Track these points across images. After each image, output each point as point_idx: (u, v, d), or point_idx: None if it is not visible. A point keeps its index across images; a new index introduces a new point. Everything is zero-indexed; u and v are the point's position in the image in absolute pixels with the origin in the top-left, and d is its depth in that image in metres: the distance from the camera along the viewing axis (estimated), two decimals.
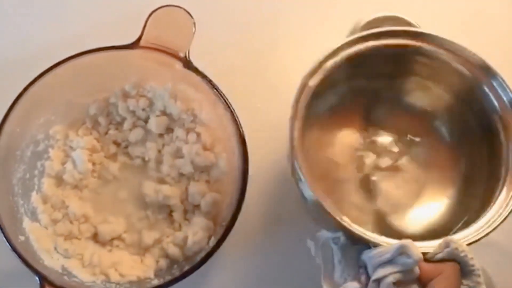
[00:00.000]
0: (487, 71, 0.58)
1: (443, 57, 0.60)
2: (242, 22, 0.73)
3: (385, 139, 0.65)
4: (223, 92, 0.57)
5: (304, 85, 0.56)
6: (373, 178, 0.64)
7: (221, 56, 0.70)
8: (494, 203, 0.55)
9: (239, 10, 0.74)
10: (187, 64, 0.57)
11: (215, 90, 0.57)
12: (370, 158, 0.65)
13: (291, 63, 0.70)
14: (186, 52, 0.57)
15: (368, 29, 0.60)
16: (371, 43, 0.59)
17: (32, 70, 0.56)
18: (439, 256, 0.50)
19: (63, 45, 0.60)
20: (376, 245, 0.51)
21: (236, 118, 0.56)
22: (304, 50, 0.71)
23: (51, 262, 0.56)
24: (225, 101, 0.57)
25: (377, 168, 0.64)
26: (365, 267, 0.51)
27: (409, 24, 0.61)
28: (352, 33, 0.61)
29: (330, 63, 0.57)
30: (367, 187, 0.64)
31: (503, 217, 0.53)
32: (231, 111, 0.56)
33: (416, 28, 0.61)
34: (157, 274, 0.58)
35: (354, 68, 0.59)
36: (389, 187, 0.64)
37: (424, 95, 0.65)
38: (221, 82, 0.57)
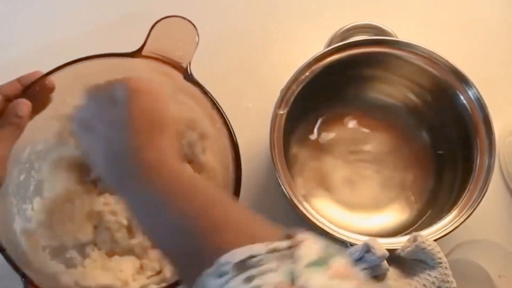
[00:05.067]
0: (459, 76, 0.62)
1: (417, 62, 0.63)
2: (234, 23, 0.75)
3: (369, 143, 0.69)
4: (215, 93, 0.57)
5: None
6: (357, 177, 0.68)
7: (213, 59, 0.71)
8: (458, 205, 0.59)
9: (231, 14, 0.75)
10: (188, 76, 0.56)
11: (214, 105, 0.56)
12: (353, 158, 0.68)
13: (282, 62, 0.72)
14: (187, 64, 0.56)
15: (345, 36, 0.65)
16: (344, 53, 0.63)
17: None
18: (408, 249, 0.54)
19: (64, 50, 0.60)
20: (352, 244, 0.56)
21: (232, 133, 0.56)
22: (294, 50, 0.74)
23: (40, 264, 0.56)
24: (223, 116, 0.56)
25: (361, 167, 0.68)
26: None
27: (383, 31, 0.65)
28: (332, 38, 0.65)
29: (313, 68, 0.62)
30: (352, 186, 0.67)
31: (464, 218, 0.57)
32: (228, 127, 0.56)
33: (386, 37, 0.64)
34: (148, 278, 0.58)
35: (332, 75, 0.64)
36: (371, 186, 0.67)
37: (405, 101, 0.69)
38: (212, 83, 0.57)
